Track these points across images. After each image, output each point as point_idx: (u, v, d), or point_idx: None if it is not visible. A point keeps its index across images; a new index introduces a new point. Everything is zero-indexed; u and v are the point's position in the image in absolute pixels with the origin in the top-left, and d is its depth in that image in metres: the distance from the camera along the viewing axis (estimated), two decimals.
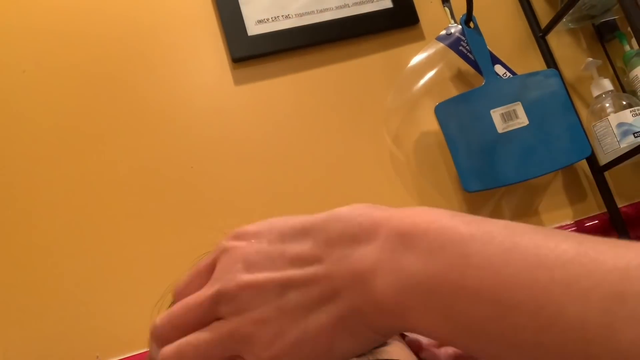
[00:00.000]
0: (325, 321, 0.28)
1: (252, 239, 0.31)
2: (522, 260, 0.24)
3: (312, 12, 1.10)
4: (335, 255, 0.29)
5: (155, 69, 1.03)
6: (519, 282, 0.23)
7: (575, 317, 0.21)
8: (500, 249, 0.24)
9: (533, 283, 0.23)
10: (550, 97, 1.03)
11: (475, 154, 0.99)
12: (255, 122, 1.04)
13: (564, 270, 0.22)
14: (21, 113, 0.98)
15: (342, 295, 0.28)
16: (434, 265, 0.25)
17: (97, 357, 0.88)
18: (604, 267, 0.22)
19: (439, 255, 0.25)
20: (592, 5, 1.08)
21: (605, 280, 0.21)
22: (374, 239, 0.28)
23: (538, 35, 1.13)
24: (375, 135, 1.06)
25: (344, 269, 0.28)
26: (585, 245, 0.23)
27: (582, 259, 0.22)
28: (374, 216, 0.29)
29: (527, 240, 0.24)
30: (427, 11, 1.14)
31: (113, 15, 1.05)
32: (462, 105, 1.01)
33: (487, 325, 0.24)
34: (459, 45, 1.06)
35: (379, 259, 0.27)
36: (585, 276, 0.22)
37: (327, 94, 1.07)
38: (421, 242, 0.26)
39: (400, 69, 1.10)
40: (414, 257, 0.26)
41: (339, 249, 0.29)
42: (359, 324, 0.28)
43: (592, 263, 0.22)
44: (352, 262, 0.28)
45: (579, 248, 0.23)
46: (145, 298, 0.86)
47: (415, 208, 0.29)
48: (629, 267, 0.21)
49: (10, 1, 1.02)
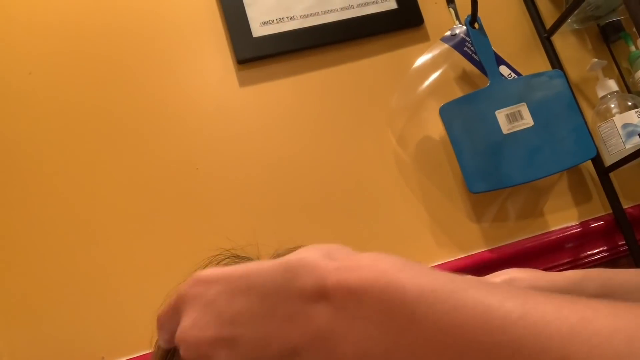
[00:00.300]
0: None
1: (208, 288, 0.33)
2: (468, 321, 0.24)
3: (316, 13, 1.10)
4: (287, 312, 0.29)
5: (160, 70, 1.04)
6: (465, 345, 0.24)
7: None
8: (446, 308, 0.25)
9: (479, 346, 0.23)
10: (556, 98, 1.03)
11: (480, 155, 0.99)
12: (260, 123, 1.04)
13: (509, 335, 0.23)
14: (27, 114, 0.98)
15: (302, 355, 0.29)
16: (387, 334, 0.26)
17: (102, 358, 0.89)
18: (547, 332, 0.22)
19: (389, 322, 0.26)
20: (597, 6, 1.08)
21: (549, 345, 0.22)
22: (325, 297, 0.29)
23: (543, 36, 1.13)
24: (380, 136, 1.06)
25: (300, 328, 0.29)
26: (529, 304, 0.24)
27: (525, 322, 0.23)
28: (321, 269, 0.30)
29: (471, 297, 0.25)
30: (431, 12, 1.14)
31: (118, 16, 1.05)
32: (467, 106, 1.01)
33: None
34: (464, 46, 1.06)
35: (335, 320, 0.28)
36: (530, 341, 0.22)
37: (331, 95, 1.07)
38: (369, 304, 0.27)
39: (405, 70, 1.10)
40: (366, 323, 0.27)
41: (290, 304, 0.29)
42: None
43: (534, 326, 0.22)
44: (308, 321, 0.29)
45: (524, 308, 0.23)
46: (151, 299, 0.86)
47: (363, 257, 0.29)
48: (573, 331, 0.22)
49: (15, 3, 1.03)
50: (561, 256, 1.02)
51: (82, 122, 0.99)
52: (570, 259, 1.02)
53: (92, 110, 1.00)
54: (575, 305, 0.23)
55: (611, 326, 0.21)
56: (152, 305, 0.80)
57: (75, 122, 0.99)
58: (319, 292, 0.29)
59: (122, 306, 0.91)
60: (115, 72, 1.02)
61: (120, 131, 1.00)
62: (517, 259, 1.01)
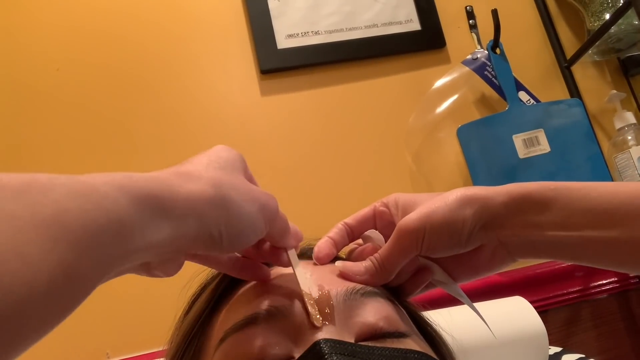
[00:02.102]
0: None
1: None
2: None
3: (341, 29, 1.12)
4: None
5: (185, 76, 1.06)
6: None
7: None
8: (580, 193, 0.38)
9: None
10: (573, 126, 1.04)
11: (496, 177, 0.99)
12: (279, 133, 1.05)
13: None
14: (54, 107, 1.00)
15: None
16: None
17: (107, 354, 0.89)
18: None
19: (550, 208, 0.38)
20: (618, 39, 1.09)
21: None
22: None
23: (563, 65, 1.14)
24: (396, 153, 1.07)
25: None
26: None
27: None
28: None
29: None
30: (454, 36, 1.16)
31: (146, 22, 1.08)
32: (485, 129, 1.02)
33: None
34: (485, 70, 1.08)
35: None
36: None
37: (350, 110, 1.09)
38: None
39: (425, 90, 1.11)
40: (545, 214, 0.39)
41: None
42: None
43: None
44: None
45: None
46: (157, 297, 0.86)
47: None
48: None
49: (46, 4, 1.05)
50: (571, 284, 1.02)
51: (105, 120, 1.01)
52: (579, 287, 1.02)
53: (114, 110, 1.02)
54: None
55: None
56: (158, 303, 0.81)
57: (98, 119, 1.01)
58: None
59: (127, 303, 0.91)
60: (140, 74, 1.04)
61: (144, 131, 1.01)
62: (527, 284, 1.00)
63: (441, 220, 0.39)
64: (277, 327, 0.36)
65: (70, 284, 0.22)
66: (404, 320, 0.40)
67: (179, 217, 0.29)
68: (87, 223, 0.23)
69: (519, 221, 0.39)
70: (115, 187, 0.26)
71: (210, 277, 0.45)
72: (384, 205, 0.46)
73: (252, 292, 0.40)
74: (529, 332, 0.68)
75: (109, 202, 0.25)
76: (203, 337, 0.40)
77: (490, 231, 0.40)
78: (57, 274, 0.21)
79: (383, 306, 0.38)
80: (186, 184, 0.30)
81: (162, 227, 0.28)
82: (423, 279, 0.44)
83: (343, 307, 0.37)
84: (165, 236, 0.28)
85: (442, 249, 0.40)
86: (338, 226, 0.47)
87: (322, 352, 0.32)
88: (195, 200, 0.30)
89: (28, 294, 0.20)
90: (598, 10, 1.09)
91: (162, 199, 0.28)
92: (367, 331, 0.36)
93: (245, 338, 0.35)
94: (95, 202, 0.24)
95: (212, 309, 0.42)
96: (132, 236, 0.26)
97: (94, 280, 0.24)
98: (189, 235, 0.30)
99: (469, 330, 0.58)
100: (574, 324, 1.00)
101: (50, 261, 0.21)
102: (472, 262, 0.42)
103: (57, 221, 0.22)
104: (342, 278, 0.40)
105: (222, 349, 0.36)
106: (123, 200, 0.25)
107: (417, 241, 0.40)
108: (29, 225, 0.21)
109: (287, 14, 1.11)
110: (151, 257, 0.29)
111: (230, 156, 0.37)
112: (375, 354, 0.33)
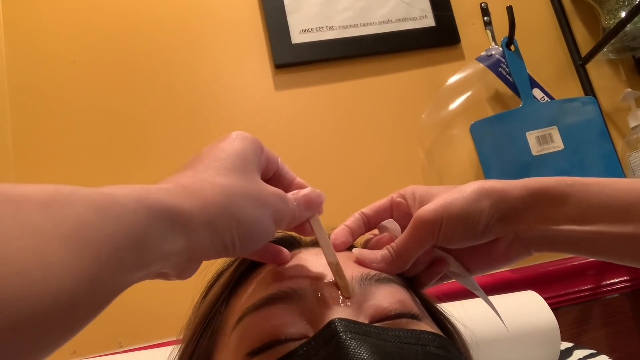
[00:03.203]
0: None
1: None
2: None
3: (355, 25, 1.12)
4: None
5: (200, 70, 1.06)
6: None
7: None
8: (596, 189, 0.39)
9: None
10: (587, 124, 1.03)
11: (509, 174, 0.99)
12: (293, 127, 1.06)
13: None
14: (70, 100, 1.01)
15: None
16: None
17: (119, 343, 0.90)
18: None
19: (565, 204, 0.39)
20: (633, 37, 1.09)
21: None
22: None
23: (578, 63, 1.14)
24: (409, 149, 1.07)
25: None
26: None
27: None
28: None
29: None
30: (468, 32, 1.16)
31: (162, 16, 1.08)
32: (498, 125, 1.02)
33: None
34: (499, 66, 1.08)
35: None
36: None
37: (364, 105, 1.09)
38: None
39: (439, 86, 1.12)
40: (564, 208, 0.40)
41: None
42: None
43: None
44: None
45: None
46: (169, 288, 0.87)
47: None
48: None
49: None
50: (583, 282, 1.02)
51: (120, 112, 1.02)
52: (591, 285, 1.02)
53: (130, 103, 1.03)
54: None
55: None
56: (171, 292, 0.82)
57: (113, 112, 1.02)
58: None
59: (141, 293, 0.92)
60: (156, 68, 1.05)
61: (159, 124, 1.02)
62: (538, 281, 1.00)
63: (458, 211, 0.40)
64: (293, 308, 0.37)
65: (91, 295, 0.23)
66: (418, 305, 0.40)
67: (194, 230, 0.30)
68: (108, 236, 0.24)
69: (535, 215, 0.40)
70: (134, 199, 0.27)
71: (227, 264, 0.46)
72: (400, 196, 0.47)
73: (269, 275, 0.41)
74: (542, 326, 0.68)
75: (128, 215, 0.26)
76: (220, 318, 0.41)
77: (507, 224, 0.41)
78: (79, 285, 0.22)
79: (397, 291, 0.39)
80: (200, 195, 0.31)
81: (177, 239, 0.29)
82: (438, 270, 0.44)
83: (358, 291, 0.38)
84: (180, 248, 0.29)
85: (458, 240, 0.41)
86: (355, 215, 0.48)
87: (336, 330, 0.33)
88: (209, 213, 0.31)
89: (52, 303, 0.21)
90: (613, 8, 1.09)
91: (178, 213, 0.29)
92: (382, 314, 0.37)
93: (262, 318, 0.36)
94: (115, 216, 0.25)
95: (229, 291, 0.43)
96: (150, 248, 0.27)
97: (114, 291, 0.25)
98: (203, 245, 0.31)
99: (482, 323, 0.58)
100: (585, 321, 1.00)
101: (73, 272, 0.22)
102: (488, 255, 0.43)
103: (79, 234, 0.23)
104: (359, 264, 0.41)
105: (238, 329, 0.37)
106: (141, 214, 0.27)
107: (434, 231, 0.40)
108: (52, 237, 0.22)
109: (301, 9, 1.11)
110: (167, 266, 0.30)
111: (244, 149, 0.37)
112: (388, 334, 0.34)
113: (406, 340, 0.34)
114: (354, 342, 0.32)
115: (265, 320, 0.36)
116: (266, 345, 0.35)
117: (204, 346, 0.41)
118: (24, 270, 0.20)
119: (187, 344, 0.42)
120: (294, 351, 0.33)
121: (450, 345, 0.36)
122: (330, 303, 0.36)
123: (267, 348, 0.35)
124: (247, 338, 0.36)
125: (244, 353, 0.36)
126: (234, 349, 0.37)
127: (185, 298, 0.46)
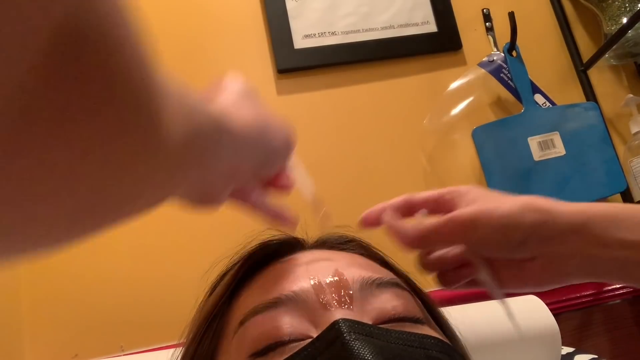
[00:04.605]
0: None
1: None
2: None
3: (357, 30, 1.13)
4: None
5: (202, 75, 1.07)
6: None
7: None
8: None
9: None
10: (589, 129, 1.04)
11: (510, 179, 1.00)
12: (295, 132, 1.06)
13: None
14: None
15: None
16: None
17: (121, 347, 0.90)
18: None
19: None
20: (635, 43, 1.09)
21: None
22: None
23: (579, 69, 1.14)
24: (411, 154, 1.08)
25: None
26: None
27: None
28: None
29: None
30: (470, 38, 1.16)
31: (164, 21, 1.09)
32: (500, 131, 1.03)
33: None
34: (500, 72, 1.08)
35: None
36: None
37: (366, 111, 1.10)
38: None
39: (440, 91, 1.12)
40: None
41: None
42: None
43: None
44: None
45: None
46: (172, 291, 0.88)
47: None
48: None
49: None
50: (584, 288, 1.02)
51: None
52: (593, 291, 1.02)
53: None
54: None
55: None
56: (173, 297, 0.82)
57: None
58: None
59: (142, 296, 0.92)
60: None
61: None
62: None
63: (497, 218, 0.39)
64: (296, 310, 0.37)
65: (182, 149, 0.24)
66: (422, 310, 0.40)
67: (239, 146, 0.32)
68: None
69: (583, 239, 0.39)
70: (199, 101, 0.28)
71: (230, 265, 0.46)
72: (450, 193, 0.46)
73: (272, 278, 0.41)
74: (542, 331, 0.68)
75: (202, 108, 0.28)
76: (222, 321, 0.42)
77: (546, 245, 0.40)
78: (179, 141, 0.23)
79: (400, 294, 0.39)
80: (239, 112, 0.33)
81: (224, 151, 0.30)
82: (467, 273, 0.44)
83: (360, 295, 0.38)
84: (225, 162, 0.31)
85: (490, 248, 0.40)
86: (398, 199, 0.48)
87: (341, 331, 0.33)
88: (248, 132, 0.33)
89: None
90: (615, 14, 1.09)
91: (227, 127, 0.30)
92: (384, 316, 0.37)
93: (265, 320, 0.37)
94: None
95: (231, 293, 0.43)
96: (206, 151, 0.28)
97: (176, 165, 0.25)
98: (245, 163, 0.34)
99: (483, 327, 0.58)
100: (586, 327, 1.00)
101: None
102: (521, 273, 0.42)
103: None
104: (387, 229, 0.44)
105: (241, 331, 0.38)
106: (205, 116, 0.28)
107: (467, 231, 0.40)
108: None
109: (304, 14, 1.12)
110: (207, 180, 0.31)
111: (248, 86, 0.39)
112: (392, 336, 0.34)
113: (410, 343, 0.34)
114: (358, 343, 0.32)
115: (267, 322, 0.36)
116: (269, 347, 0.35)
117: (206, 348, 0.41)
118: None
119: (189, 345, 0.43)
120: (297, 352, 0.33)
121: (453, 351, 0.36)
122: (333, 305, 0.36)
123: (270, 350, 0.35)
124: (249, 340, 0.36)
125: (246, 355, 0.36)
126: (237, 352, 0.37)
127: (186, 302, 0.47)
